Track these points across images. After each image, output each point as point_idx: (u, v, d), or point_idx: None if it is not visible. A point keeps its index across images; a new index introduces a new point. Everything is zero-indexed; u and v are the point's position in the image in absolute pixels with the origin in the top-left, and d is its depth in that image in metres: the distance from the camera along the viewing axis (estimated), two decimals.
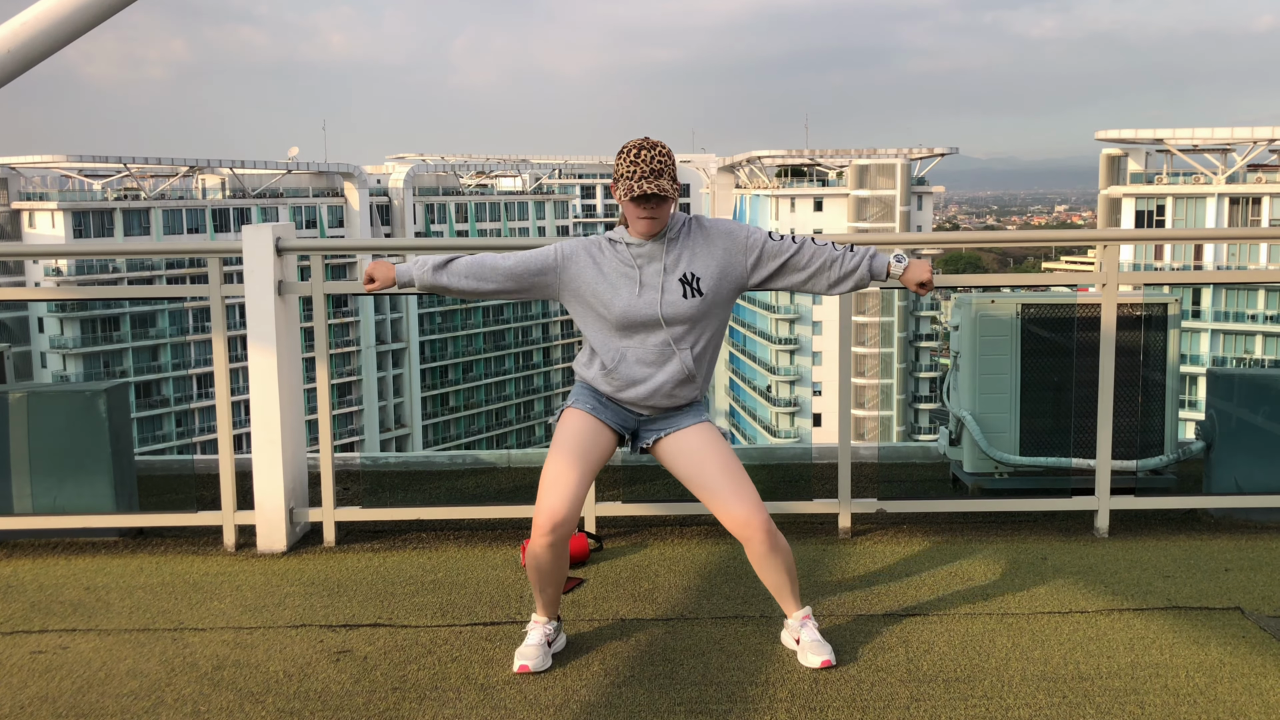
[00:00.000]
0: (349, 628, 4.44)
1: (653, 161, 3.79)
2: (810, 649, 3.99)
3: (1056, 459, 6.08)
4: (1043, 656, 4.05)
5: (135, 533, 5.72)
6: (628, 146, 3.83)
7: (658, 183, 3.77)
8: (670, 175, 3.83)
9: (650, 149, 3.81)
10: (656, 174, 3.78)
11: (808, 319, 78.94)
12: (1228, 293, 60.20)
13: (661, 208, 3.84)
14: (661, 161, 3.80)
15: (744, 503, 3.86)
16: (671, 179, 3.83)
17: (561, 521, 3.82)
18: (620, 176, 3.83)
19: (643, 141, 3.83)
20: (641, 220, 3.84)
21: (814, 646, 3.99)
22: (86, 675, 4.03)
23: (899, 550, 5.29)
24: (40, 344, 64.70)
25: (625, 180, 3.81)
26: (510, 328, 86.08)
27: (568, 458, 3.90)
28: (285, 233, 5.47)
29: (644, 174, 3.77)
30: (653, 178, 3.77)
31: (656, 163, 3.79)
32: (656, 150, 3.82)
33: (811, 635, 4.04)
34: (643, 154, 3.79)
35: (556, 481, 3.86)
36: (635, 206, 3.82)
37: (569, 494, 3.83)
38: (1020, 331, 6.06)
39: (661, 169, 3.80)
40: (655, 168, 3.78)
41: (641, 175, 3.77)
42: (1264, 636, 4.21)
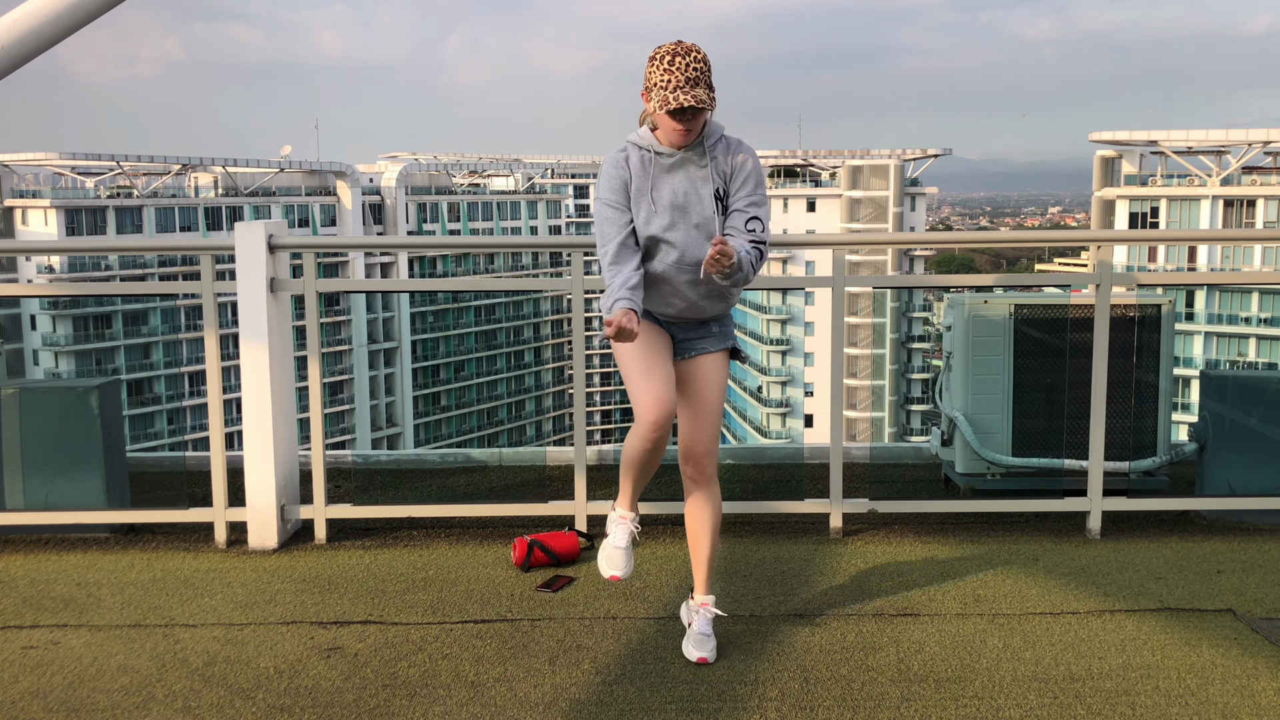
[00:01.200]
0: (340, 625, 4.43)
1: (688, 69, 3.51)
2: (693, 640, 4.01)
3: (1049, 460, 6.09)
4: (1034, 657, 4.05)
5: (127, 529, 5.70)
6: (660, 52, 3.55)
7: (694, 93, 3.50)
8: (707, 83, 3.56)
9: (685, 54, 3.52)
10: (693, 83, 3.51)
11: (800, 320, 79.01)
12: (1221, 294, 60.34)
13: (697, 119, 3.60)
14: (698, 69, 3.52)
15: (696, 435, 3.89)
16: (708, 87, 3.56)
17: (668, 411, 3.72)
18: (653, 85, 3.55)
19: (676, 46, 3.55)
20: (676, 133, 3.61)
21: (698, 640, 4.00)
22: (78, 671, 4.01)
23: (890, 550, 5.30)
24: (32, 341, 64.53)
25: (659, 90, 3.53)
26: (502, 327, 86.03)
27: (646, 355, 3.77)
28: (278, 230, 5.46)
29: (679, 83, 3.49)
30: (689, 87, 3.50)
31: (693, 70, 3.51)
32: (692, 56, 3.53)
33: (701, 626, 4.02)
34: (677, 60, 3.51)
35: (647, 380, 3.73)
36: (670, 119, 3.57)
37: (663, 389, 3.73)
38: (1013, 332, 6.06)
39: (698, 77, 3.52)
40: (691, 75, 3.51)
41: (677, 85, 3.49)
42: (1256, 638, 4.21)
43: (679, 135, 3.62)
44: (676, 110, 3.53)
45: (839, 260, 5.55)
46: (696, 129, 3.63)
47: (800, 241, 6.79)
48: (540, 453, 7.19)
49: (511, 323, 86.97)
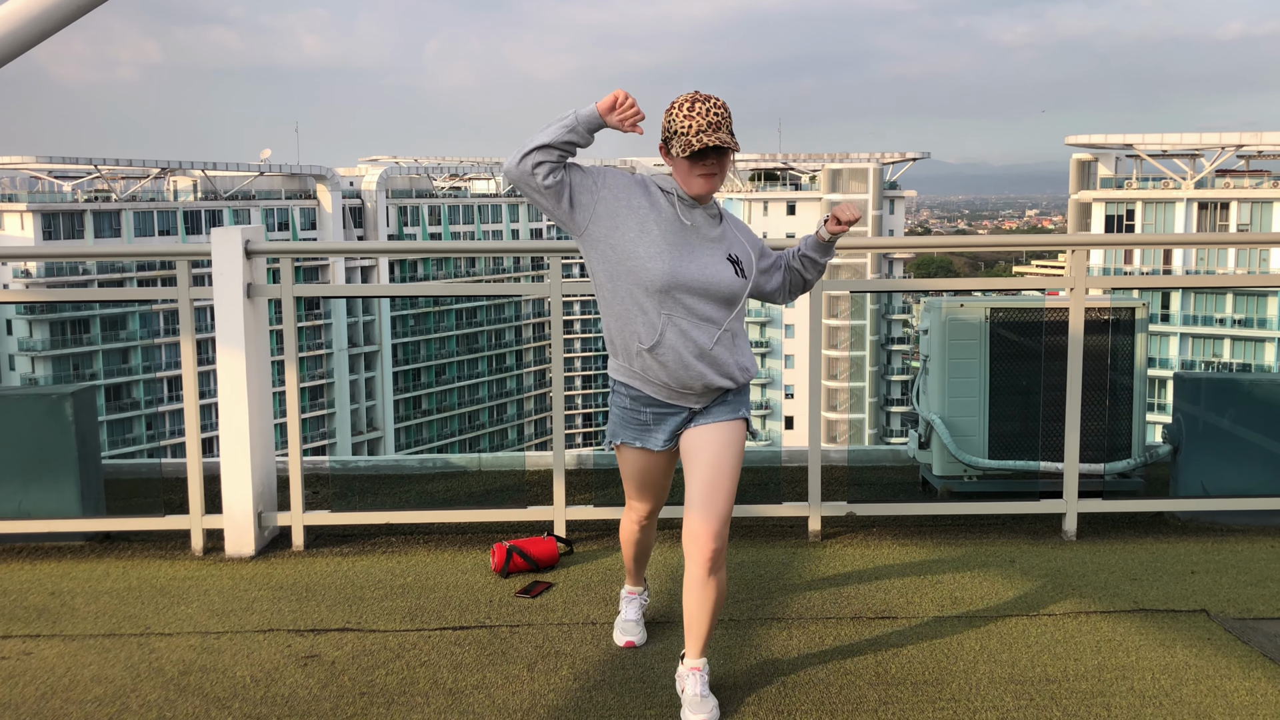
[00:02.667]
0: (317, 632, 4.41)
1: (709, 114, 3.39)
2: (691, 705, 3.64)
3: (1025, 462, 6.12)
4: (1010, 659, 4.07)
5: (102, 537, 5.66)
6: (678, 101, 3.43)
7: (718, 135, 3.37)
8: (729, 128, 3.43)
9: (705, 101, 3.41)
10: (715, 126, 3.39)
11: (779, 322, 79.19)
12: (1196, 296, 60.75)
13: (722, 163, 3.45)
14: (719, 114, 3.40)
15: (704, 522, 3.54)
16: (730, 132, 3.43)
17: (655, 511, 4.04)
18: (674, 133, 3.41)
19: (695, 95, 3.43)
20: (699, 179, 3.44)
21: (694, 703, 3.64)
22: (50, 681, 3.98)
23: (868, 553, 5.31)
24: (9, 346, 64.03)
25: (681, 137, 3.39)
26: (483, 330, 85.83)
27: (640, 488, 3.93)
28: (254, 235, 5.44)
29: (701, 127, 3.37)
30: (712, 131, 3.37)
31: (714, 115, 3.39)
32: (712, 102, 3.41)
33: (696, 688, 3.67)
34: (698, 106, 3.40)
35: (637, 494, 3.96)
36: (693, 164, 3.42)
37: (651, 502, 3.99)
38: (989, 335, 6.09)
39: (720, 121, 3.40)
40: (713, 120, 3.39)
41: (699, 130, 3.37)
42: (1229, 638, 4.24)
43: (704, 182, 3.45)
44: (697, 154, 3.40)
45: None
46: (722, 176, 3.48)
47: (781, 246, 6.79)
48: (519, 458, 7.18)
49: (492, 326, 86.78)
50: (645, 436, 3.70)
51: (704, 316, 3.52)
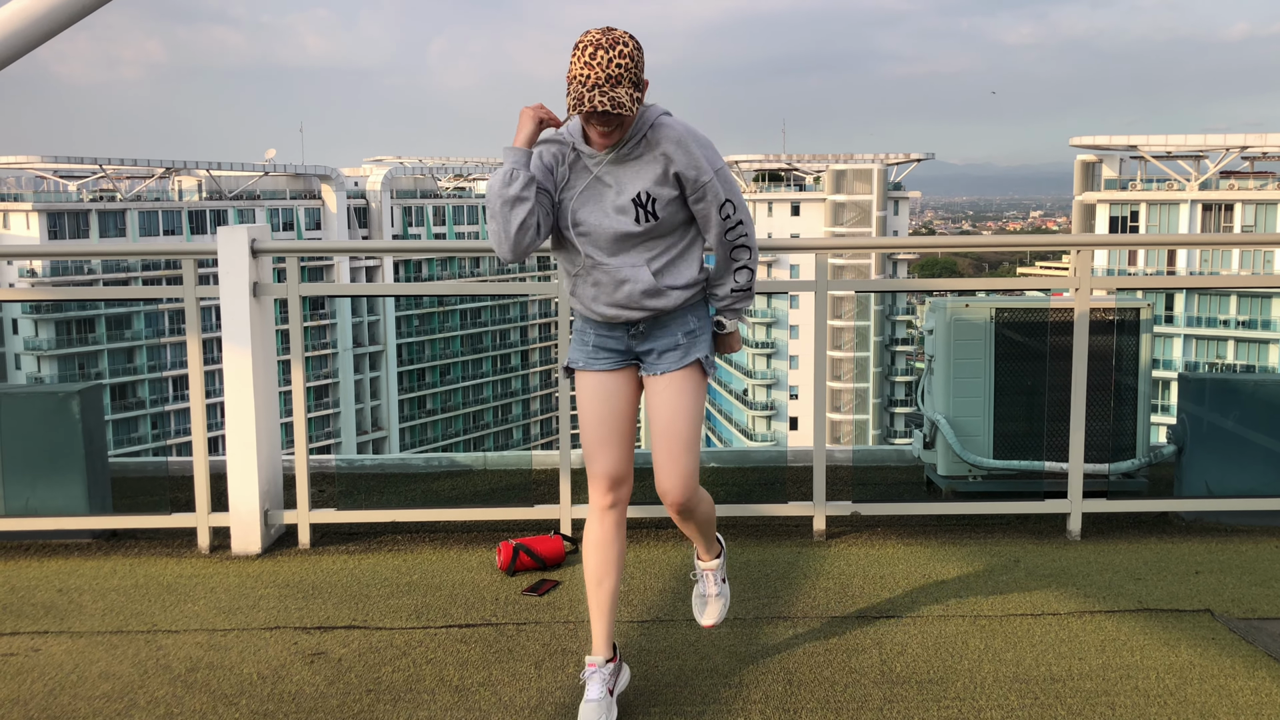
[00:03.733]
0: (323, 630, 4.42)
1: (610, 65, 3.11)
2: (697, 603, 4.04)
3: (1029, 462, 6.12)
4: (1015, 658, 4.08)
5: (109, 535, 5.68)
6: (582, 42, 3.15)
7: (613, 94, 3.12)
8: (630, 81, 3.16)
9: (609, 48, 3.12)
10: (614, 80, 3.12)
11: (784, 323, 79.11)
12: (1200, 298, 60.69)
13: (619, 122, 3.24)
14: (621, 64, 3.12)
15: (666, 475, 3.51)
16: (632, 84, 3.17)
17: (621, 477, 3.56)
18: (571, 78, 3.16)
19: (601, 37, 3.14)
20: (596, 135, 3.27)
21: (699, 602, 4.02)
22: (58, 678, 4.00)
23: (873, 553, 5.32)
24: (14, 345, 64.16)
25: (576, 86, 3.14)
26: (488, 330, 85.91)
27: (597, 420, 3.56)
28: (260, 234, 5.46)
29: (597, 80, 3.11)
30: (608, 86, 3.11)
31: (615, 66, 3.11)
32: (616, 50, 3.13)
33: (704, 588, 3.98)
34: (599, 55, 3.11)
35: (600, 444, 3.55)
36: (586, 120, 3.23)
37: (618, 451, 3.56)
38: (994, 336, 6.10)
39: (620, 75, 3.12)
40: (613, 72, 3.11)
41: (595, 83, 3.11)
42: (1233, 638, 4.25)
43: (599, 137, 3.28)
44: (592, 114, 3.19)
45: (821, 264, 5.58)
46: (620, 132, 3.28)
47: (785, 246, 6.81)
48: (525, 456, 7.19)
49: (497, 326, 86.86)
50: (591, 359, 3.58)
51: (617, 255, 3.41)
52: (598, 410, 3.59)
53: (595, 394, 3.59)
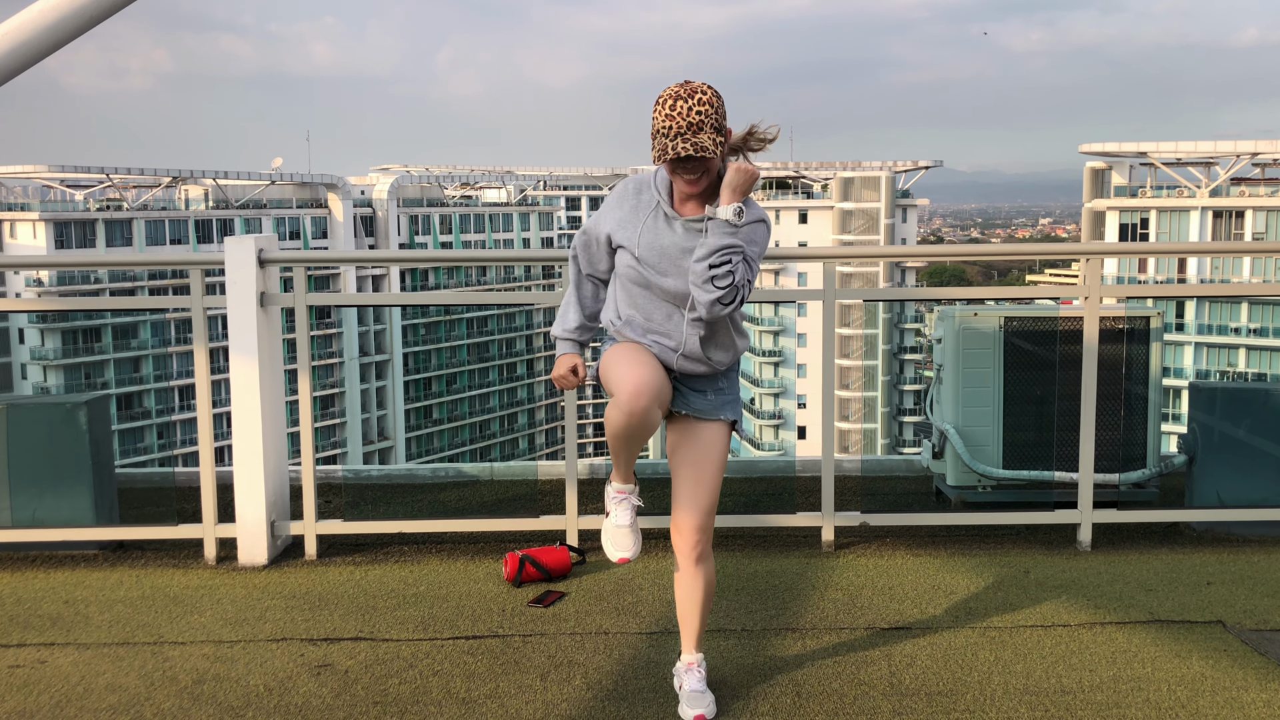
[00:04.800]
0: (330, 641, 4.41)
1: (690, 114, 3.23)
2: (686, 699, 3.72)
3: (1039, 472, 6.09)
4: (1025, 670, 4.05)
5: (115, 546, 5.68)
6: (663, 97, 3.28)
7: (695, 140, 3.23)
8: (713, 126, 3.26)
9: (688, 98, 3.24)
10: (695, 128, 3.23)
11: (792, 331, 79.10)
12: (1211, 306, 60.52)
13: (704, 167, 3.32)
14: (701, 112, 3.23)
15: (687, 517, 3.59)
16: (714, 130, 3.27)
17: (652, 389, 3.40)
18: (655, 133, 3.28)
19: (680, 90, 3.27)
20: (685, 183, 3.35)
21: (689, 698, 3.71)
22: (65, 689, 3.99)
23: (882, 564, 5.29)
24: (21, 355, 64.31)
25: (660, 139, 3.27)
26: (494, 339, 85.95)
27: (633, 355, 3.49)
28: (268, 244, 5.45)
29: (679, 129, 3.23)
30: (690, 133, 3.23)
31: (695, 114, 3.23)
32: (695, 99, 3.24)
33: (693, 685, 3.74)
34: (678, 105, 3.23)
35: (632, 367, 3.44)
36: (672, 169, 3.34)
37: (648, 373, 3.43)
38: (1003, 344, 6.08)
39: (701, 122, 3.24)
40: (693, 120, 3.23)
41: (678, 132, 3.23)
42: (1245, 650, 4.22)
43: (686, 186, 3.37)
44: (675, 160, 3.29)
45: (830, 273, 5.56)
46: (707, 179, 3.36)
47: (792, 255, 6.81)
48: (531, 467, 7.18)
49: (504, 335, 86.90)
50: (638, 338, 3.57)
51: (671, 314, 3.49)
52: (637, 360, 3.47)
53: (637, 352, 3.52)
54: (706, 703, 3.70)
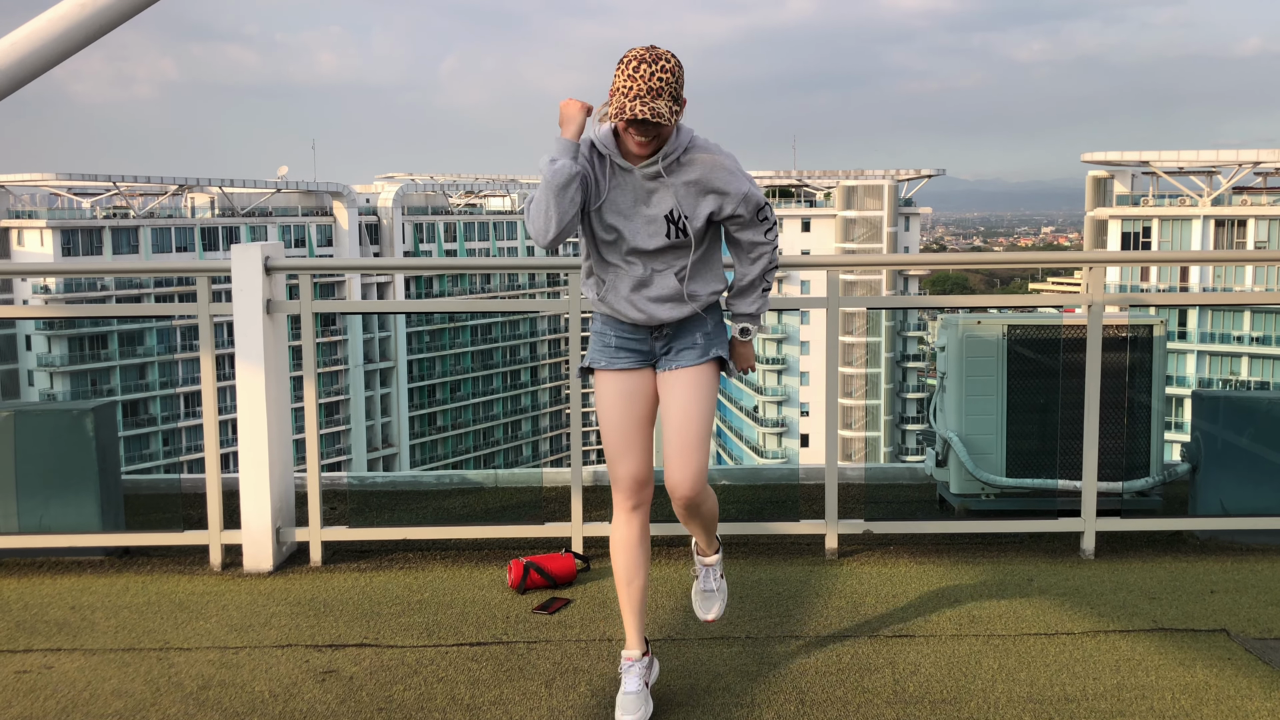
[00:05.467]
0: (335, 648, 4.42)
1: (651, 78, 3.29)
2: (698, 599, 4.05)
3: (1042, 480, 6.10)
4: (1029, 678, 4.05)
5: (121, 552, 5.69)
6: (627, 57, 3.34)
7: (653, 105, 3.30)
8: (671, 94, 3.33)
9: (652, 62, 3.30)
10: (655, 93, 3.30)
11: (795, 339, 79.06)
12: (1213, 314, 60.46)
13: (657, 132, 3.40)
14: (662, 79, 3.30)
15: (677, 469, 3.62)
16: (672, 99, 3.34)
17: (644, 479, 3.67)
18: (614, 91, 3.35)
19: (645, 53, 3.33)
20: (636, 144, 3.42)
21: (701, 598, 4.04)
22: (71, 695, 4.00)
23: (885, 571, 5.30)
24: (28, 361, 64.43)
25: (619, 97, 3.33)
26: (498, 346, 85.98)
27: (618, 420, 3.67)
28: (274, 252, 5.48)
29: (640, 92, 3.29)
30: (649, 97, 3.29)
31: (656, 79, 3.29)
32: (659, 65, 3.31)
33: (705, 583, 4.04)
34: (642, 68, 3.30)
35: (622, 447, 3.65)
36: (626, 128, 3.40)
37: (640, 453, 3.66)
38: (1006, 353, 6.09)
39: (661, 87, 3.30)
40: (654, 85, 3.29)
41: (637, 94, 3.29)
42: (1249, 659, 4.22)
43: (636, 147, 3.43)
44: (633, 121, 3.35)
45: (833, 281, 5.58)
46: (657, 143, 3.44)
47: (796, 263, 6.83)
48: (536, 474, 7.20)
49: (508, 342, 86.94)
50: (613, 358, 3.71)
51: (646, 263, 3.58)
52: (620, 412, 3.70)
53: (617, 395, 3.70)
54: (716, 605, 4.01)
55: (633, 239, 3.55)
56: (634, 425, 3.70)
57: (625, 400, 3.70)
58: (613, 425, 3.70)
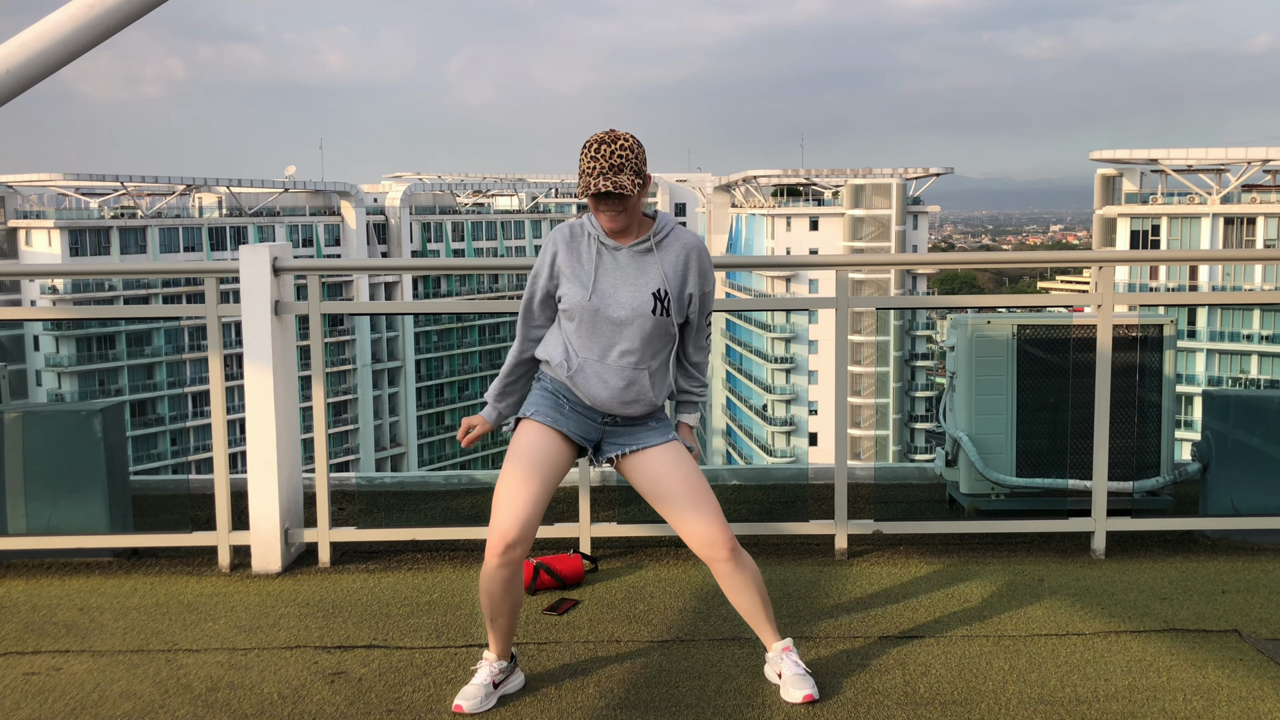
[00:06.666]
0: (344, 649, 4.42)
1: (612, 156, 3.58)
2: (792, 683, 3.84)
3: (1053, 480, 6.08)
4: (1040, 679, 4.03)
5: (130, 553, 5.69)
6: (589, 141, 3.63)
7: (615, 179, 3.56)
8: (632, 169, 3.61)
9: (611, 143, 3.59)
10: (616, 169, 3.57)
11: (804, 338, 78.99)
12: (1223, 313, 60.29)
13: (622, 205, 3.64)
14: (623, 156, 3.59)
15: (707, 521, 3.73)
16: (634, 173, 3.61)
17: (515, 541, 3.67)
18: (581, 172, 3.63)
19: (605, 135, 3.62)
20: (603, 217, 3.68)
21: (795, 681, 3.84)
22: (80, 697, 4.00)
23: (895, 572, 5.28)
24: (36, 362, 64.60)
25: (584, 177, 3.61)
26: (506, 347, 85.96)
27: (523, 473, 3.72)
28: (282, 253, 5.47)
29: (602, 170, 3.57)
30: (611, 173, 3.57)
31: (616, 157, 3.58)
32: (618, 144, 3.60)
33: (793, 669, 3.88)
34: (603, 149, 3.59)
35: (511, 499, 3.70)
36: (595, 205, 3.65)
37: (524, 513, 3.68)
38: (1016, 352, 6.06)
39: (622, 164, 3.58)
40: (615, 163, 3.58)
41: (600, 171, 3.57)
42: (1261, 659, 4.20)
43: (607, 221, 3.67)
44: (596, 195, 3.60)
45: (843, 281, 5.56)
46: (626, 217, 3.67)
47: (804, 262, 6.81)
48: None
49: None
50: (559, 419, 3.82)
51: (622, 351, 3.75)
52: (535, 460, 3.76)
53: (540, 447, 3.78)
54: (812, 684, 3.85)
55: (618, 312, 3.71)
56: (540, 479, 3.73)
57: (545, 454, 3.77)
58: (519, 470, 3.74)
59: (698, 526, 3.74)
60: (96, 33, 4.39)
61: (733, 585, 3.83)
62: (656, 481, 3.81)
